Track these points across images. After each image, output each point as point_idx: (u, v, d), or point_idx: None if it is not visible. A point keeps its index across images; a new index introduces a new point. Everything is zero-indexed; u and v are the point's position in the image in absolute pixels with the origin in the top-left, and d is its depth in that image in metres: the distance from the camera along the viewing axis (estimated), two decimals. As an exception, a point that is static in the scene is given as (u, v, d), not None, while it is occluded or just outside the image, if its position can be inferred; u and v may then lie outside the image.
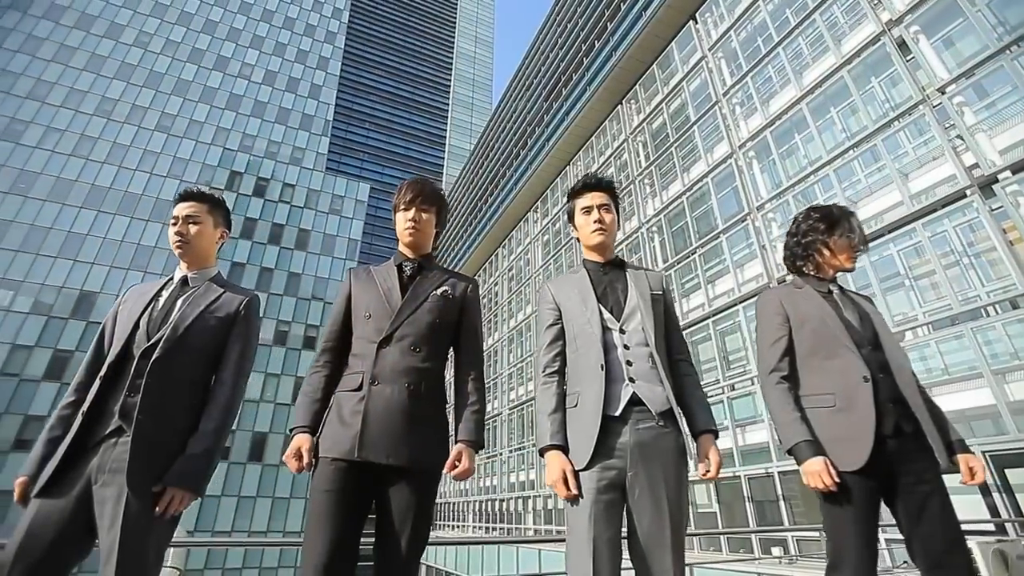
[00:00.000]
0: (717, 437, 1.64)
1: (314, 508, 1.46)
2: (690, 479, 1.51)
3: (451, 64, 77.71)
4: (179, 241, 1.83)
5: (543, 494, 22.44)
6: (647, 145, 19.05)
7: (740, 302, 13.49)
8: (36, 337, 30.14)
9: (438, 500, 37.24)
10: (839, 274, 1.99)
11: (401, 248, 1.89)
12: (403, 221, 1.85)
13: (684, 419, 1.64)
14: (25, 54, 37.23)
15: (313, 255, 42.33)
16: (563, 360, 1.74)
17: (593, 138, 23.60)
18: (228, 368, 1.72)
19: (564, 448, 1.59)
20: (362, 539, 1.49)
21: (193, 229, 1.84)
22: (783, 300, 1.92)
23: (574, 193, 1.89)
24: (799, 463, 1.68)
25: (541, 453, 1.63)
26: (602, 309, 1.73)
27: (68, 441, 1.48)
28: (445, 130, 74.19)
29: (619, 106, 21.60)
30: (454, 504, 36.07)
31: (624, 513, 1.51)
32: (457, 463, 1.56)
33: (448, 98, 75.55)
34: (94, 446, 1.50)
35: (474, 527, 29.79)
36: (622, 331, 1.70)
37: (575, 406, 1.64)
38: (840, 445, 1.65)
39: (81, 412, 1.52)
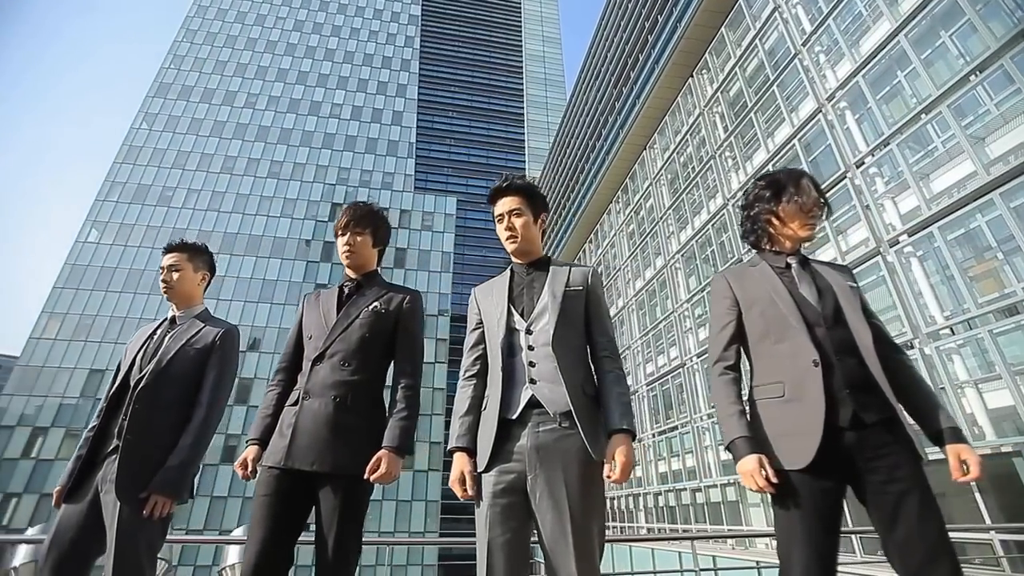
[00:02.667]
0: (634, 438, 1.53)
1: (253, 510, 1.64)
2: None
3: (521, 67, 78.35)
4: (164, 287, 2.16)
5: (652, 491, 21.72)
6: (724, 116, 17.71)
7: (847, 272, 12.03)
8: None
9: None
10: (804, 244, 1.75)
11: (345, 270, 2.05)
12: (340, 246, 2.00)
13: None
14: (168, 131, 44.26)
15: (411, 271, 44.91)
16: (484, 364, 1.74)
17: (667, 118, 22.47)
18: (205, 391, 1.98)
19: (469, 450, 1.60)
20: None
21: (175, 276, 2.16)
22: (732, 282, 1.73)
23: (490, 200, 1.85)
24: (735, 462, 1.51)
25: (448, 455, 1.66)
26: (512, 311, 1.72)
27: (81, 458, 1.84)
28: (523, 133, 74.95)
29: (690, 79, 20.35)
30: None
31: (531, 516, 1.48)
32: (377, 468, 1.64)
33: (522, 101, 76.25)
34: (100, 461, 1.83)
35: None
36: (529, 332, 1.66)
37: (485, 409, 1.65)
38: (788, 440, 1.45)
39: (90, 434, 1.88)
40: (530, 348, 1.64)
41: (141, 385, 1.90)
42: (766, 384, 1.58)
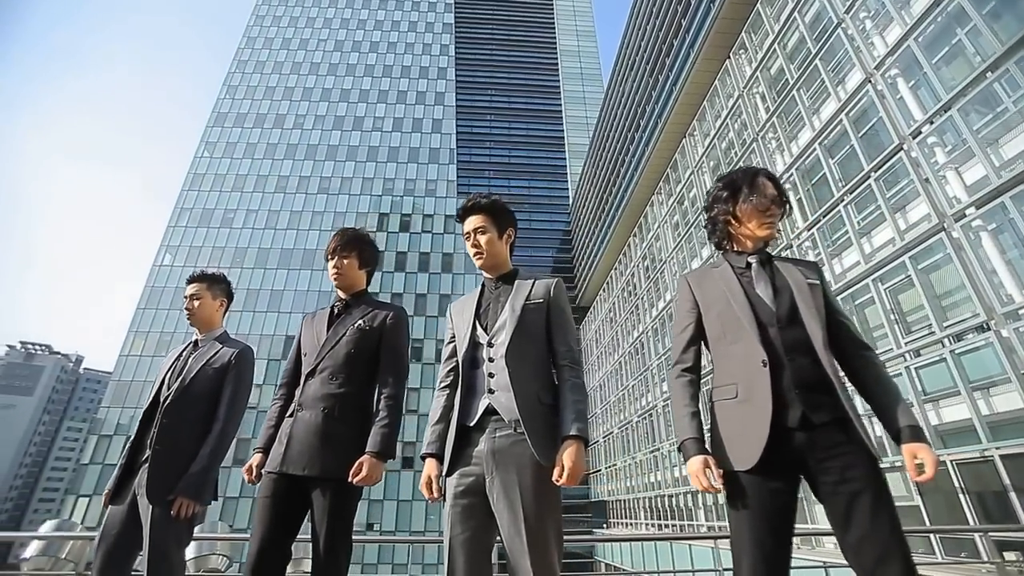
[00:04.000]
0: (587, 444, 1.58)
1: (255, 510, 1.84)
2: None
3: (557, 64, 77.78)
4: (187, 314, 2.43)
5: (675, 490, 20.97)
6: (765, 96, 16.86)
7: (907, 251, 11.17)
8: (262, 378, 37.72)
9: (611, 498, 37.36)
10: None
11: (336, 291, 2.22)
12: (329, 269, 2.18)
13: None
14: (226, 157, 47.36)
15: (459, 275, 45.69)
16: (456, 375, 1.83)
17: (705, 103, 21.68)
18: (222, 406, 2.22)
19: (437, 456, 1.72)
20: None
21: (196, 304, 2.42)
22: (692, 284, 1.75)
23: (458, 219, 1.97)
24: (684, 462, 1.54)
25: (423, 459, 1.76)
26: (477, 326, 1.83)
27: (122, 465, 2.13)
28: (562, 130, 74.40)
29: (727, 61, 19.54)
30: (625, 501, 35.58)
31: (492, 516, 1.58)
32: (360, 472, 1.79)
33: (560, 98, 75.69)
34: (137, 468, 2.11)
35: (646, 524, 28.99)
36: (490, 345, 1.76)
37: (453, 417, 1.75)
38: (738, 441, 1.47)
39: (128, 445, 2.17)
40: (490, 360, 1.73)
41: (168, 401, 2.16)
42: (722, 385, 1.59)
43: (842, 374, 1.51)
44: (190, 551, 4.44)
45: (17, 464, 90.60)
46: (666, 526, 26.16)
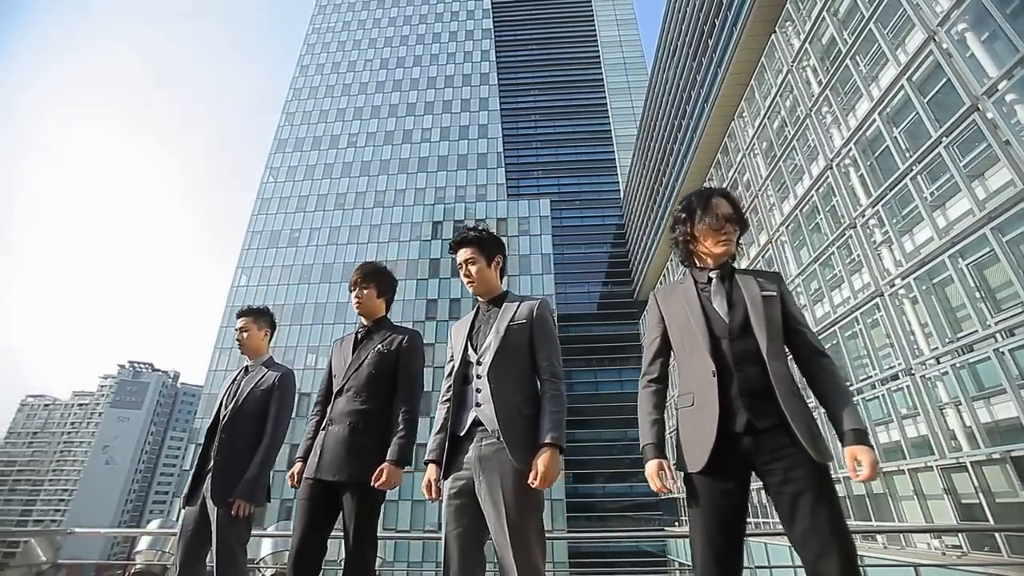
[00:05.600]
0: (561, 450, 1.75)
1: (296, 511, 2.16)
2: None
3: (599, 56, 76.54)
4: (238, 344, 2.87)
5: (755, 486, 19.96)
6: (817, 69, 15.87)
7: (989, 221, 10.19)
8: (334, 385, 39.96)
9: (680, 495, 36.17)
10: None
11: (359, 317, 2.55)
12: (352, 299, 2.51)
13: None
14: (288, 181, 50.58)
15: (514, 277, 46.08)
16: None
17: (753, 82, 20.67)
18: (269, 422, 2.63)
19: (437, 462, 1.95)
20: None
21: (245, 335, 2.86)
22: (659, 301, 1.89)
23: (450, 250, 2.21)
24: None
25: (425, 464, 1.99)
26: (468, 346, 2.04)
27: (194, 473, 2.56)
28: (608, 123, 73.15)
29: (773, 36, 18.54)
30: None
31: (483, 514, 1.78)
32: (380, 477, 2.08)
33: (604, 91, 74.44)
34: (204, 475, 2.53)
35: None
36: (478, 363, 1.97)
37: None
38: (692, 446, 1.59)
39: (198, 456, 2.59)
40: (478, 377, 1.94)
41: (226, 419, 2.59)
42: (682, 394, 1.71)
43: (799, 379, 1.58)
44: (267, 547, 5.02)
45: (133, 470, 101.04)
46: (750, 523, 25.13)
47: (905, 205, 12.67)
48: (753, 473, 1.56)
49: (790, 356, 1.69)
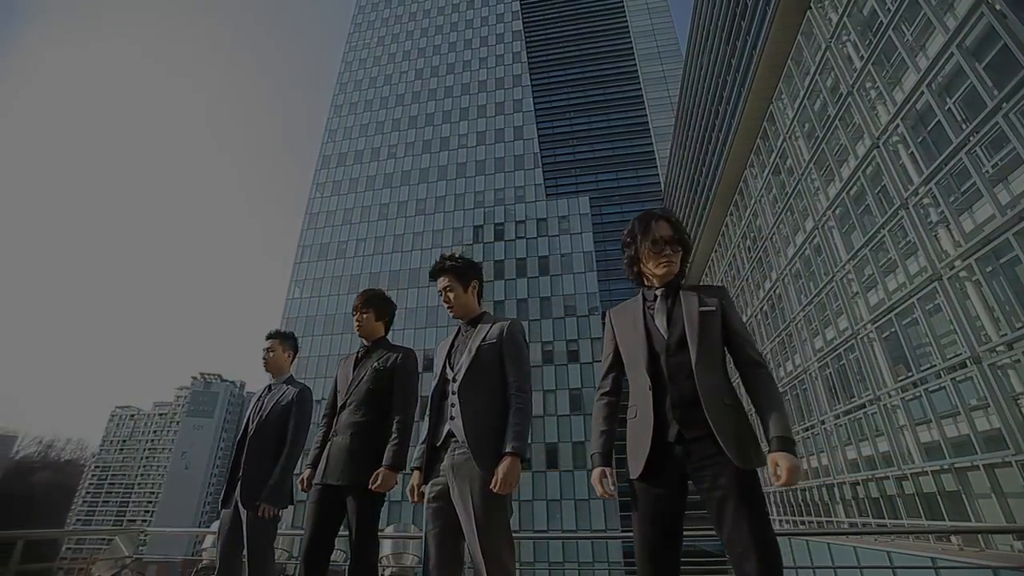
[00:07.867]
0: (522, 459, 1.92)
1: (306, 512, 2.44)
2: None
3: (631, 48, 75.09)
4: (264, 362, 3.18)
5: (847, 480, 18.98)
6: (857, 44, 15.00)
7: (1057, 195, 9.36)
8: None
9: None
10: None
11: (360, 338, 2.83)
12: (354, 322, 2.78)
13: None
14: (334, 195, 52.78)
15: (556, 277, 46.14)
16: None
17: (790, 62, 19.76)
18: (289, 433, 2.94)
19: (421, 468, 2.16)
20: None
21: (271, 355, 3.17)
22: (612, 319, 2.01)
23: (430, 278, 2.40)
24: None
25: (411, 471, 2.22)
26: (447, 365, 2.26)
27: (228, 479, 2.89)
28: (645, 115, 71.64)
29: (808, 12, 17.68)
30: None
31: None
32: (376, 480, 2.31)
33: (639, 83, 72.95)
34: (236, 481, 2.86)
35: (780, 520, 26.84)
36: (454, 380, 2.17)
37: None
38: (633, 454, 1.70)
39: (231, 465, 2.92)
40: (453, 393, 2.15)
41: (252, 432, 2.93)
42: (630, 406, 1.82)
43: (736, 390, 1.66)
44: (387, 548, 5.38)
45: (209, 475, 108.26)
46: (802, 523, 24.06)
47: (962, 181, 11.80)
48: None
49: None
